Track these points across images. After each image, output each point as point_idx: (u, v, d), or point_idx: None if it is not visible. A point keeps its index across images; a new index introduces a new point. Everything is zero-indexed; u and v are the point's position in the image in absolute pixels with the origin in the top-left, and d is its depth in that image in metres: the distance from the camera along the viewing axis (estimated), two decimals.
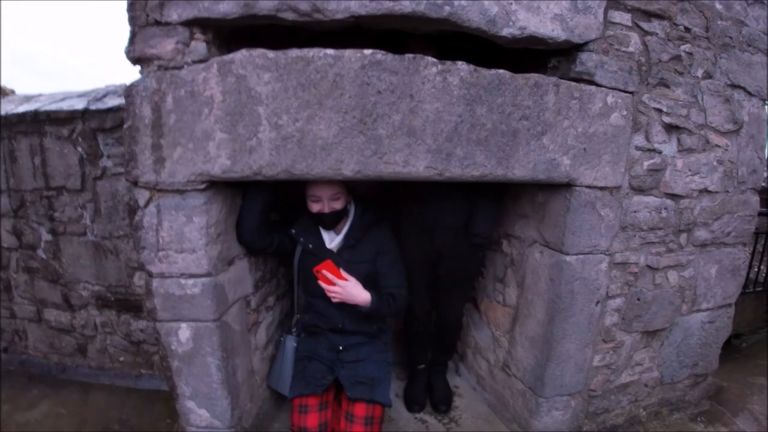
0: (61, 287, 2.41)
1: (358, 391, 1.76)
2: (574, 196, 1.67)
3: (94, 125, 2.11)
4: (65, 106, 2.12)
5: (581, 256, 1.73)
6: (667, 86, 1.81)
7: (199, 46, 1.50)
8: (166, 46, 1.51)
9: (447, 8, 1.47)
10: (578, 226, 1.69)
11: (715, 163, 1.98)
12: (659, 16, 1.78)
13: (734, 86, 2.01)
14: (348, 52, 1.43)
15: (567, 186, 1.68)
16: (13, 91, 2.76)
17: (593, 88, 1.64)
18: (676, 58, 1.82)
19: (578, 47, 1.64)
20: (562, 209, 1.70)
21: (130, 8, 1.52)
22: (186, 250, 1.59)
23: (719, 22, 1.95)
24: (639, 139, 1.77)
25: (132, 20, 1.53)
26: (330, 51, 1.43)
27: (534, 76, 1.55)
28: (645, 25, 1.75)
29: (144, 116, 1.51)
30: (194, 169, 1.51)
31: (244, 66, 1.44)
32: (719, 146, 1.99)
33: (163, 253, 1.61)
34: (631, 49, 1.72)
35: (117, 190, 2.15)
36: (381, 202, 2.07)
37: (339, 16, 1.44)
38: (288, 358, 1.98)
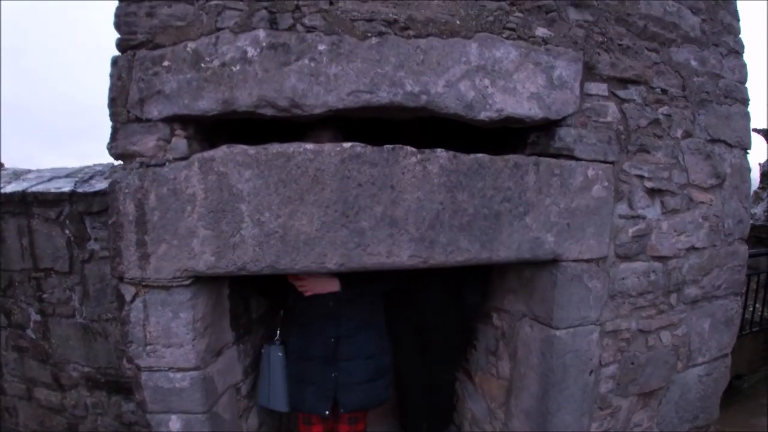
0: (50, 367, 2.38)
1: (353, 404, 1.88)
2: (561, 272, 1.67)
3: (81, 208, 2.11)
4: (52, 187, 2.12)
5: (571, 329, 1.72)
6: (648, 151, 1.82)
7: (179, 143, 1.52)
8: (147, 143, 1.52)
9: (424, 97, 1.49)
10: (566, 301, 1.69)
11: (700, 219, 1.99)
12: (635, 82, 1.81)
13: (714, 141, 2.04)
14: (327, 147, 1.45)
15: (553, 261, 1.68)
16: (2, 165, 2.77)
17: (573, 162, 1.65)
18: (655, 122, 1.84)
19: (556, 122, 1.66)
20: (549, 284, 1.70)
21: (111, 104, 1.53)
22: (173, 345, 1.58)
23: (695, 79, 1.98)
24: (622, 208, 1.77)
25: (113, 116, 1.54)
26: (309, 146, 1.45)
27: (513, 158, 1.57)
28: (622, 93, 1.78)
29: (128, 213, 1.51)
30: (179, 265, 1.50)
31: (225, 163, 1.45)
32: (703, 202, 2.00)
33: (150, 348, 1.60)
34: (609, 118, 1.74)
35: (105, 273, 2.15)
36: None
37: (317, 111, 1.46)
38: (276, 370, 1.88)
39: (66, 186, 2.12)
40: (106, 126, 1.56)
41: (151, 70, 1.48)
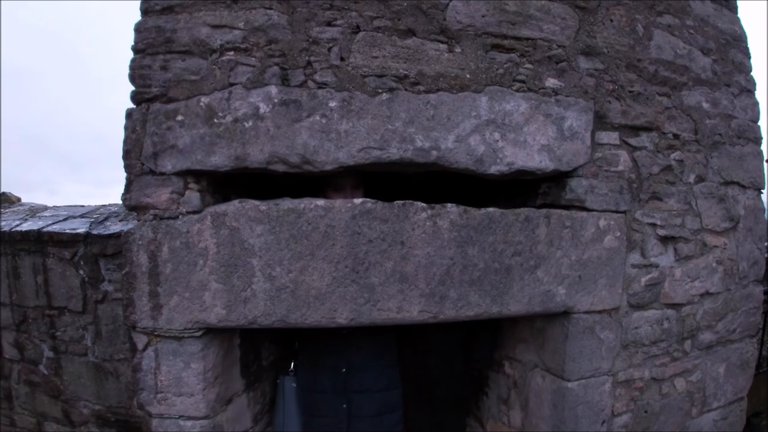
0: (62, 403, 2.41)
1: None
2: (572, 324, 1.66)
3: (96, 250, 2.15)
4: (68, 228, 2.16)
5: (583, 381, 1.70)
6: (660, 199, 1.81)
7: (193, 196, 1.53)
8: (161, 195, 1.53)
9: (434, 153, 1.50)
10: (578, 353, 1.67)
11: (714, 264, 1.96)
12: (647, 129, 1.79)
13: (728, 183, 2.01)
14: (338, 203, 1.46)
15: (564, 314, 1.67)
16: (19, 199, 2.82)
17: (584, 213, 1.64)
18: (667, 168, 1.83)
19: (567, 174, 1.65)
20: (561, 336, 1.68)
21: (126, 156, 1.55)
22: (184, 394, 1.59)
23: (707, 121, 1.97)
24: (635, 257, 1.76)
25: (127, 168, 1.55)
26: (321, 202, 1.46)
27: (524, 211, 1.56)
28: (633, 141, 1.77)
29: (141, 264, 1.52)
30: (191, 317, 1.51)
31: (237, 218, 1.47)
32: (717, 246, 1.97)
33: (161, 396, 1.61)
34: (620, 167, 1.73)
35: (118, 314, 2.17)
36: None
37: (328, 167, 1.47)
38: (291, 400, 1.96)
39: (81, 227, 2.16)
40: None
41: (165, 125, 1.50)
